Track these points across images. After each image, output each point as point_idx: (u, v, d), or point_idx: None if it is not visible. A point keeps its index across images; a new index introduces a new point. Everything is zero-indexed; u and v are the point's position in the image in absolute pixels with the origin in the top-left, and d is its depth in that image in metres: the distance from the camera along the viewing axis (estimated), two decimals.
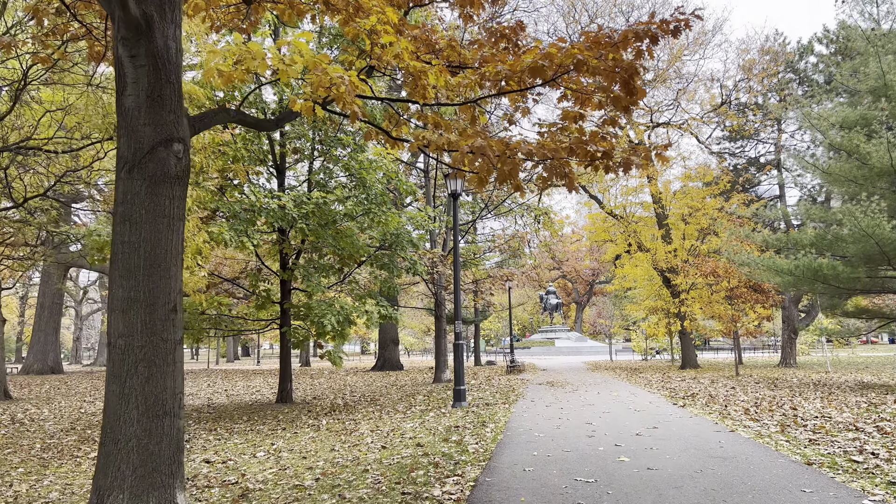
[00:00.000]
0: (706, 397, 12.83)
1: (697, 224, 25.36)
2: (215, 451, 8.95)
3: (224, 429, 11.36)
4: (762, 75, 27.59)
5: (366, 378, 23.73)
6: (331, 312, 11.82)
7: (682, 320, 25.20)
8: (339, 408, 13.48)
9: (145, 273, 3.56)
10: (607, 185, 29.24)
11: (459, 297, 12.49)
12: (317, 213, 12.16)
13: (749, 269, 19.02)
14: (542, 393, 15.05)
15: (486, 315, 39.14)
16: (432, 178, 18.04)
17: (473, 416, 10.69)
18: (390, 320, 13.46)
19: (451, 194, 12.65)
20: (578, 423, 9.39)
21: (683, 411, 10.46)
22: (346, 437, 9.48)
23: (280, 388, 14.62)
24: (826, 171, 15.44)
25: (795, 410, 10.25)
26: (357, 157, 12.45)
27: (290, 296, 14.15)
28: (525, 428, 8.95)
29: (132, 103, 3.65)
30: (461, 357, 12.27)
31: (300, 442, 9.32)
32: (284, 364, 14.54)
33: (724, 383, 17.07)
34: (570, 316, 70.78)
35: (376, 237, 13.40)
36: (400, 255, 13.81)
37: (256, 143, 12.54)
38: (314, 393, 17.69)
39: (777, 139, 30.02)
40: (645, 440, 7.57)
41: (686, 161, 29.84)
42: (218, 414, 13.57)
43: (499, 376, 22.54)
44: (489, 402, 12.92)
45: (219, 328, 13.71)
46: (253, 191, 11.39)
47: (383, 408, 13.02)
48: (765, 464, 5.93)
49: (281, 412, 13.15)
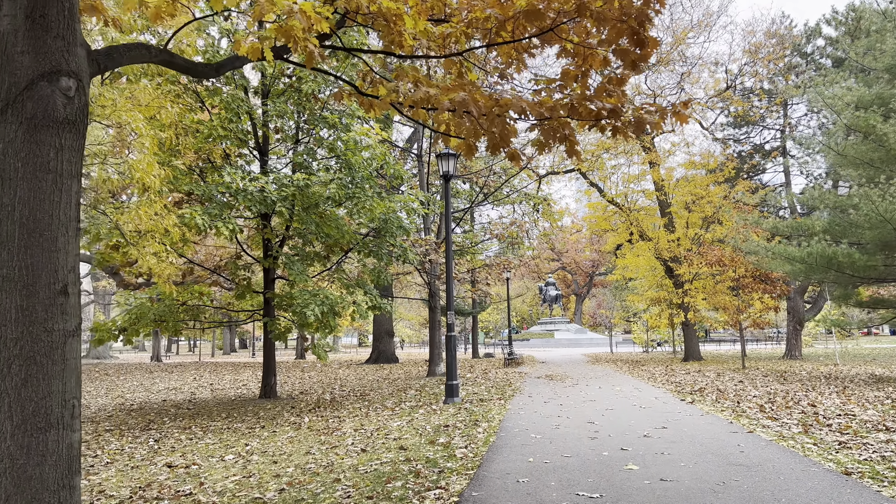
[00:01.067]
0: (715, 392, 12.05)
1: (701, 212, 24.54)
2: (183, 454, 8.18)
3: (200, 427, 10.59)
4: (768, 58, 26.68)
5: (359, 371, 22.96)
6: (314, 303, 11.02)
7: (685, 311, 24.41)
8: (325, 404, 12.70)
9: (21, 244, 2.74)
10: (608, 173, 28.38)
11: (452, 287, 11.68)
12: (298, 197, 11.34)
13: (757, 257, 18.22)
14: (541, 387, 14.27)
15: (483, 307, 38.33)
16: (426, 162, 17.12)
17: (465, 413, 9.90)
18: (380, 311, 12.66)
19: (442, 176, 11.81)
20: (579, 421, 8.60)
21: (693, 408, 9.67)
22: (326, 436, 8.71)
23: (263, 382, 13.84)
24: (840, 154, 14.60)
25: (814, 407, 9.46)
26: (342, 137, 11.61)
27: (274, 285, 13.35)
28: (521, 428, 8.16)
29: (7, 26, 2.82)
30: (454, 350, 11.48)
31: (276, 443, 8.55)
32: (268, 357, 13.76)
33: (732, 377, 16.30)
34: (569, 308, 70.07)
35: (364, 223, 12.58)
36: (389, 242, 13.00)
37: (236, 122, 11.69)
38: (303, 387, 16.91)
39: (783, 124, 29.14)
40: (654, 443, 6.78)
41: (690, 147, 28.91)
42: (197, 410, 12.80)
43: (496, 369, 21.77)
44: (484, 397, 12.13)
45: (198, 319, 12.90)
46: (230, 172, 10.56)
47: (371, 404, 12.25)
48: (796, 474, 5.14)
49: (263, 408, 12.38)
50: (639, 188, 27.64)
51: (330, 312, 11.34)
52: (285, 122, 13.19)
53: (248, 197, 10.81)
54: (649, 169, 26.08)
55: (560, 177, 30.82)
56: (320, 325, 11.48)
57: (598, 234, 31.21)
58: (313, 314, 10.79)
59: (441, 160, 11.75)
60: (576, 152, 4.50)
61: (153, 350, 39.71)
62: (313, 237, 12.59)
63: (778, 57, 27.42)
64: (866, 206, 13.44)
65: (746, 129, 29.88)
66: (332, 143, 11.85)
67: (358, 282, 12.85)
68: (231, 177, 10.56)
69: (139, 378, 21.99)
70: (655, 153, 25.01)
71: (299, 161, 12.02)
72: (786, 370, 18.51)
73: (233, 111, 11.74)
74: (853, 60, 17.07)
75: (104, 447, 9.08)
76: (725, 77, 27.85)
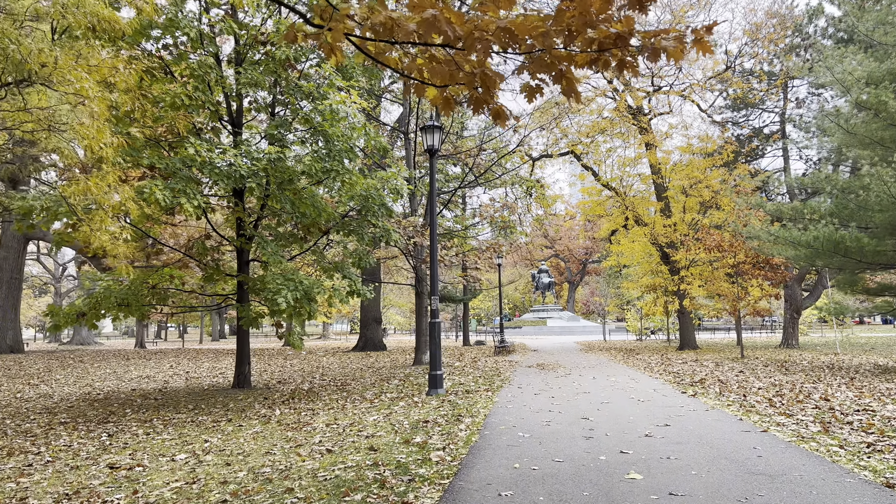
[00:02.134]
0: (717, 384, 11.30)
1: (699, 196, 23.76)
2: (133, 452, 7.35)
3: (162, 420, 9.76)
4: (769, 38, 25.80)
5: (344, 359, 22.15)
6: (287, 288, 10.16)
7: (681, 299, 23.69)
8: (302, 394, 11.88)
9: None
10: (603, 157, 27.51)
11: (437, 270, 10.84)
12: (271, 172, 10.43)
13: (758, 242, 17.46)
14: (532, 377, 13.50)
15: (475, 293, 37.55)
16: (414, 141, 16.17)
17: (449, 407, 9.10)
18: (360, 297, 11.80)
19: (427, 150, 10.93)
20: (573, 417, 7.81)
21: (696, 402, 8.90)
22: (294, 432, 7.90)
23: (237, 371, 13.00)
24: (850, 132, 13.80)
25: (828, 401, 8.70)
26: (318, 106, 10.69)
27: (248, 268, 12.48)
28: (508, 424, 7.35)
29: None
30: (437, 338, 10.66)
31: (239, 439, 7.73)
32: (241, 345, 12.92)
33: (731, 366, 15.58)
34: (562, 295, 69.47)
35: (344, 201, 11.69)
36: (371, 222, 12.13)
37: (203, 91, 10.72)
38: (282, 376, 16.09)
39: (783, 107, 28.31)
40: (658, 444, 5.98)
41: (688, 130, 28.07)
42: (164, 401, 11.96)
43: (486, 357, 21.01)
44: (470, 388, 11.34)
45: (166, 304, 12.01)
46: (194, 143, 9.64)
47: (350, 395, 11.44)
48: (829, 486, 4.34)
49: (234, 399, 11.55)
50: (635, 172, 26.81)
51: (304, 298, 10.49)
52: (259, 93, 12.26)
53: (216, 171, 9.91)
54: (646, 151, 25.23)
55: (553, 160, 29.95)
56: (294, 312, 10.62)
57: (592, 219, 30.41)
58: (285, 300, 9.94)
59: (425, 133, 10.86)
60: (574, 92, 3.64)
61: (137, 336, 38.81)
62: (289, 216, 11.71)
63: (779, 38, 26.56)
64: (878, 188, 12.67)
65: (746, 111, 29.04)
66: (307, 114, 10.92)
67: (337, 265, 11.98)
68: (195, 148, 9.64)
69: (115, 365, 21.11)
70: (652, 134, 24.16)
71: (272, 133, 11.09)
72: (786, 359, 17.83)
73: (200, 79, 10.79)
74: (862, 35, 16.21)
75: (51, 443, 8.25)
76: (725, 59, 26.99)
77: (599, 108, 25.23)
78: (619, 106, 23.07)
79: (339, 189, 11.42)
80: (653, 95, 25.07)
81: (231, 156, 9.87)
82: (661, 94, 25.76)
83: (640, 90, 25.56)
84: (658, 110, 25.49)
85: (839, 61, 14.64)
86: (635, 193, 27.22)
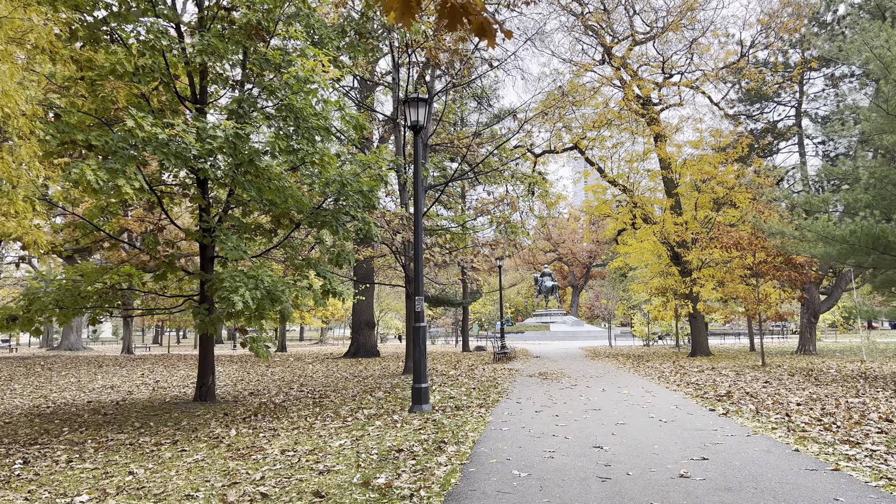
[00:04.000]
0: (747, 398, 9.75)
1: (712, 193, 22.20)
2: (37, 486, 5.87)
3: (96, 442, 8.24)
4: (785, 25, 24.28)
5: (331, 366, 20.61)
6: (245, 285, 8.66)
7: (694, 302, 22.12)
8: (269, 410, 10.36)
9: None
10: (609, 152, 25.97)
11: (421, 265, 9.34)
12: (228, 151, 8.93)
13: (781, 239, 15.92)
14: (533, 389, 11.97)
15: (475, 297, 35.98)
16: (401, 123, 14.60)
17: (432, 428, 7.57)
18: (336, 297, 10.28)
19: (411, 127, 9.43)
20: (582, 445, 6.27)
21: (731, 424, 7.36)
22: (240, 462, 6.40)
23: (199, 383, 11.49)
24: (890, 113, 12.26)
25: (892, 422, 7.16)
26: (284, 75, 9.20)
27: (213, 266, 10.98)
28: (501, 456, 5.82)
29: None
30: (422, 345, 9.15)
31: (171, 471, 6.23)
32: (204, 352, 11.41)
33: (754, 376, 14.03)
34: (565, 300, 67.88)
35: (317, 189, 10.17)
36: (351, 213, 10.62)
37: (151, 57, 9.23)
38: (258, 386, 14.57)
39: (799, 99, 26.76)
40: (700, 492, 4.44)
41: (699, 123, 26.53)
42: (113, 417, 10.45)
43: (484, 365, 19.47)
44: (461, 403, 9.80)
45: (114, 307, 10.50)
46: (135, 115, 8.16)
47: (324, 410, 9.93)
48: None
49: (191, 415, 10.04)
50: (643, 168, 25.23)
51: (267, 298, 8.98)
52: (226, 67, 10.80)
53: (163, 149, 8.42)
54: (654, 146, 23.69)
55: (556, 157, 28.44)
56: (253, 315, 9.12)
57: (598, 217, 28.81)
58: (242, 300, 8.42)
59: (409, 108, 9.36)
60: None
61: (124, 341, 37.34)
62: (255, 206, 10.21)
63: (795, 27, 25.04)
64: None
65: (760, 104, 27.47)
66: (271, 85, 9.40)
67: (310, 261, 10.46)
68: (136, 120, 8.15)
69: (84, 374, 19.61)
70: (662, 125, 22.63)
71: (233, 109, 9.59)
72: (811, 368, 16.25)
73: (148, 45, 9.30)
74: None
75: None
76: (739, 49, 25.43)
77: (605, 100, 23.73)
78: (627, 95, 21.54)
79: (311, 174, 9.91)
80: (662, 86, 23.54)
81: (180, 129, 8.38)
82: (672, 86, 24.23)
83: (649, 81, 24.05)
84: (668, 102, 23.96)
85: (875, 35, 13.13)
86: (643, 191, 25.67)
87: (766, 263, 16.91)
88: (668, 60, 22.81)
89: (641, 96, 22.66)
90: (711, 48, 24.69)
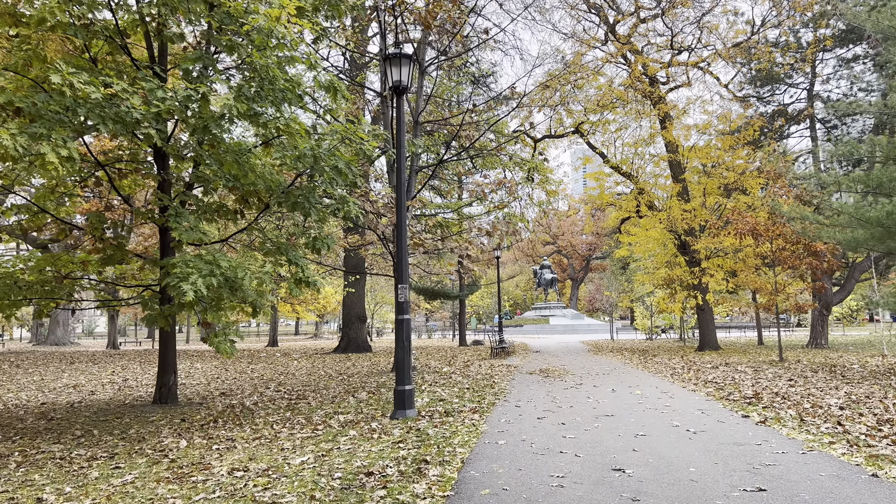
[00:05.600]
0: (777, 400, 8.51)
1: (722, 178, 20.89)
2: None
3: (23, 454, 6.99)
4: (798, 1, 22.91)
5: (318, 363, 19.35)
6: (198, 271, 7.38)
7: (703, 293, 20.87)
8: (235, 414, 9.10)
9: None
10: (612, 137, 24.65)
11: (405, 249, 8.07)
12: (179, 114, 7.62)
13: (802, 224, 14.66)
14: (534, 389, 10.72)
15: (472, 289, 34.66)
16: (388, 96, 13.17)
17: (413, 440, 6.32)
18: (310, 287, 9.00)
19: (392, 88, 8.14)
20: (598, 466, 5.02)
21: (775, 435, 6.10)
22: (175, 485, 5.17)
23: (158, 383, 10.23)
24: None
25: None
26: (244, 27, 7.88)
27: (174, 251, 9.68)
28: (494, 484, 4.56)
29: None
30: (405, 340, 7.89)
31: (91, 495, 5.01)
32: (164, 348, 10.14)
33: (776, 373, 12.80)
34: (565, 293, 66.63)
35: (288, 163, 8.86)
36: (327, 191, 9.34)
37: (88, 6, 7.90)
38: (232, 385, 13.30)
39: (811, 81, 25.45)
40: None
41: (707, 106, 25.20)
42: (59, 422, 9.19)
43: (481, 361, 18.22)
44: (451, 407, 8.53)
45: (57, 298, 9.20)
46: (64, 71, 6.88)
47: (296, 415, 8.67)
48: None
49: (143, 422, 8.78)
50: (648, 152, 23.90)
51: (225, 286, 7.71)
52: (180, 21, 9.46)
53: (97, 112, 7.11)
54: (660, 129, 22.37)
55: (557, 142, 27.09)
56: (210, 305, 7.85)
57: (601, 206, 27.45)
58: (193, 288, 7.14)
59: (390, 65, 8.05)
60: None
61: (109, 336, 36.08)
62: (217, 182, 8.91)
63: (807, 5, 23.67)
64: None
65: (771, 86, 26.16)
66: (231, 40, 8.09)
67: (281, 245, 9.16)
68: (63, 77, 6.85)
69: (53, 370, 18.31)
70: (669, 105, 21.31)
71: (187, 68, 8.27)
72: (832, 363, 15.02)
73: None
74: None
75: None
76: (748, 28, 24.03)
77: (609, 80, 22.40)
78: (633, 72, 20.20)
79: (280, 144, 8.62)
80: (671, 65, 22.18)
81: (119, 89, 7.08)
82: (679, 66, 22.87)
83: (656, 61, 22.69)
84: (676, 80, 22.62)
85: None
86: (648, 178, 24.35)
87: (784, 251, 15.64)
88: (676, 36, 21.45)
89: (648, 75, 21.33)
90: (720, 26, 23.35)
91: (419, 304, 54.63)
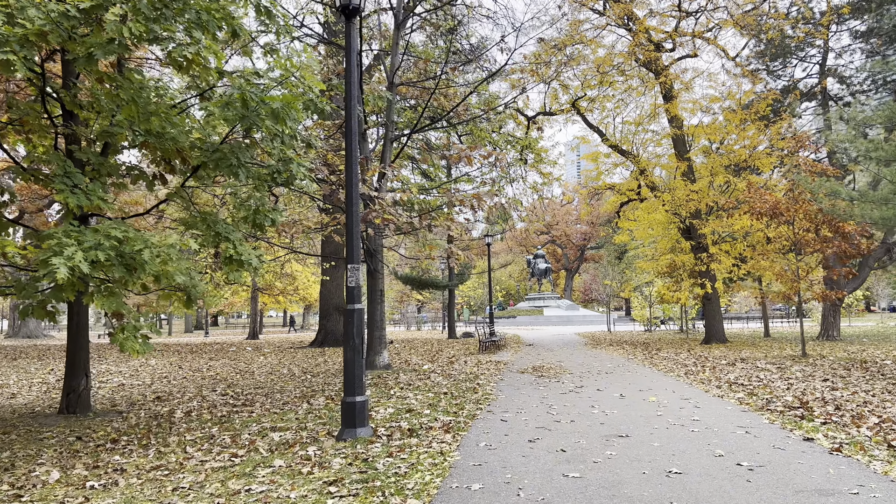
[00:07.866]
0: (831, 409, 6.70)
1: (734, 156, 19.07)
2: None
3: None
4: None
5: (287, 358, 17.47)
6: (77, 243, 5.51)
7: (712, 281, 19.09)
8: (149, 430, 7.22)
9: None
10: (612, 113, 22.71)
11: (355, 219, 6.21)
12: (54, 38, 5.71)
13: (831, 201, 12.87)
14: (525, 394, 8.88)
15: (462, 279, 32.78)
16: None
17: (356, 480, 4.47)
18: (242, 266, 7.12)
19: (340, 9, 6.24)
20: None
21: (868, 475, 4.28)
22: None
23: (65, 388, 8.35)
24: None
25: None
26: None
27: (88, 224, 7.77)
28: None
29: None
30: (354, 336, 6.02)
31: None
32: (72, 345, 8.27)
33: (803, 371, 11.03)
34: (559, 283, 64.91)
35: (215, 114, 6.97)
36: (266, 149, 7.45)
37: None
38: (176, 387, 11.40)
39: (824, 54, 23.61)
40: None
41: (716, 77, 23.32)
42: None
43: (468, 356, 16.39)
44: (418, 424, 6.66)
45: None
46: None
47: (223, 433, 6.79)
48: None
49: (27, 440, 6.89)
50: (650, 128, 21.99)
51: (118, 263, 5.83)
52: None
53: None
54: (664, 102, 20.50)
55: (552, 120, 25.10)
56: (97, 289, 5.98)
57: (599, 189, 25.56)
58: (67, 265, 5.27)
59: None
60: None
61: None
62: (121, 135, 7.00)
63: None
64: None
65: (782, 59, 24.29)
66: None
67: (205, 216, 7.28)
68: None
69: (4, 368, 16.34)
70: (674, 76, 19.43)
71: None
72: (859, 359, 13.27)
73: None
74: None
75: None
76: None
77: (610, 46, 20.49)
78: (637, 38, 18.28)
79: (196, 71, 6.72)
80: (678, 33, 20.24)
81: None
82: (685, 35, 20.94)
83: (659, 30, 20.77)
84: (682, 50, 20.73)
85: None
86: (650, 157, 22.49)
87: (809, 232, 13.84)
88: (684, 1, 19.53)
89: (652, 41, 19.42)
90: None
91: (409, 294, 52.76)
